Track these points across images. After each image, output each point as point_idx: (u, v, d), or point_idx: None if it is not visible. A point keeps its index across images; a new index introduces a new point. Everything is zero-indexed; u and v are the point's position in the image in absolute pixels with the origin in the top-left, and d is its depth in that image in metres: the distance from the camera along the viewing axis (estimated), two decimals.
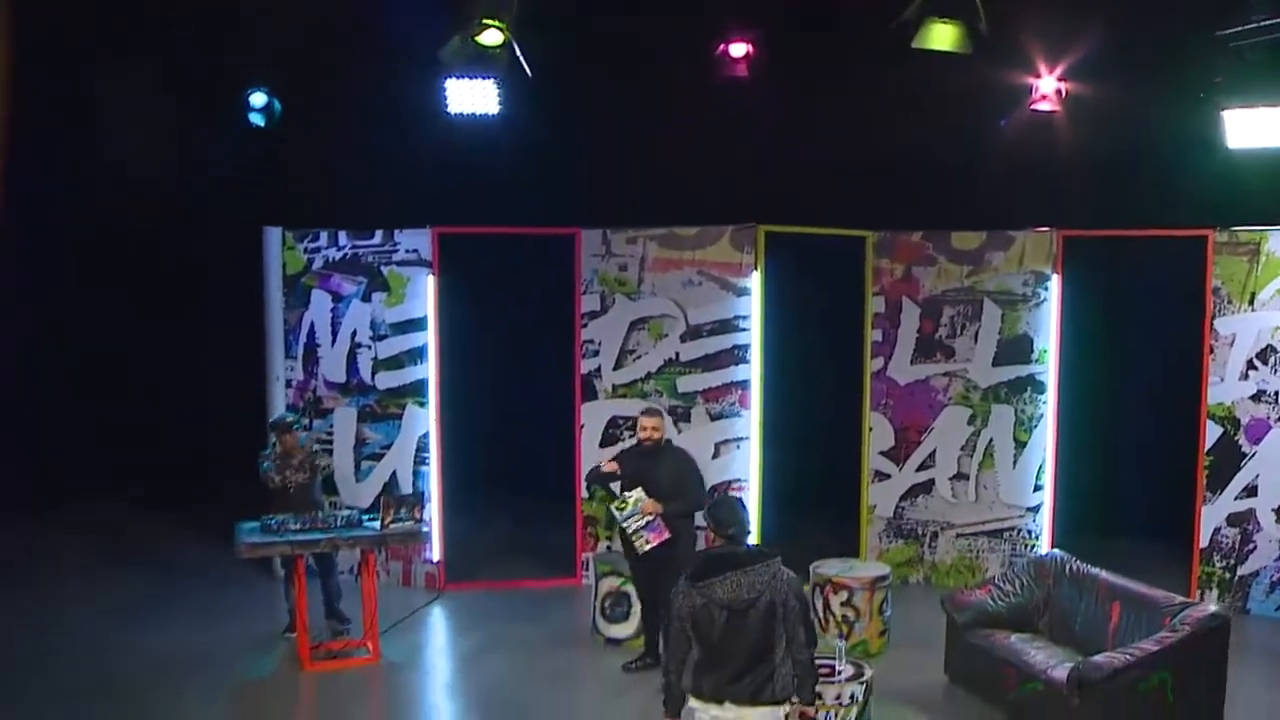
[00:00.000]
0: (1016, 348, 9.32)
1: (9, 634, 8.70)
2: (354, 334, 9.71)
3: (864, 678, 7.05)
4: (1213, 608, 6.67)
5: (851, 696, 6.92)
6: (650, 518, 7.48)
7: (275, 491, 8.26)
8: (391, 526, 8.06)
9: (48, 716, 7.30)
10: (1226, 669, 6.63)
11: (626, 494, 7.58)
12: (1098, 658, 6.53)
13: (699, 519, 6.62)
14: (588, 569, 9.42)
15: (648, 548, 7.51)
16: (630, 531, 7.53)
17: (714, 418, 9.54)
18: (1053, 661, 6.87)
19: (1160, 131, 9.12)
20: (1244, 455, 8.79)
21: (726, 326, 9.47)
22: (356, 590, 8.52)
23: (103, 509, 12.18)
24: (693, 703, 5.25)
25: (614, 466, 7.71)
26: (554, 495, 10.08)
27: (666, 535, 7.50)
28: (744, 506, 5.52)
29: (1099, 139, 9.53)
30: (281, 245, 9.73)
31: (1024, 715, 6.99)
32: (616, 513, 7.59)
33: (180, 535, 11.29)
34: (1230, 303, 8.77)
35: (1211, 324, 8.82)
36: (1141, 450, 10.02)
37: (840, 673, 7.12)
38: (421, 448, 9.66)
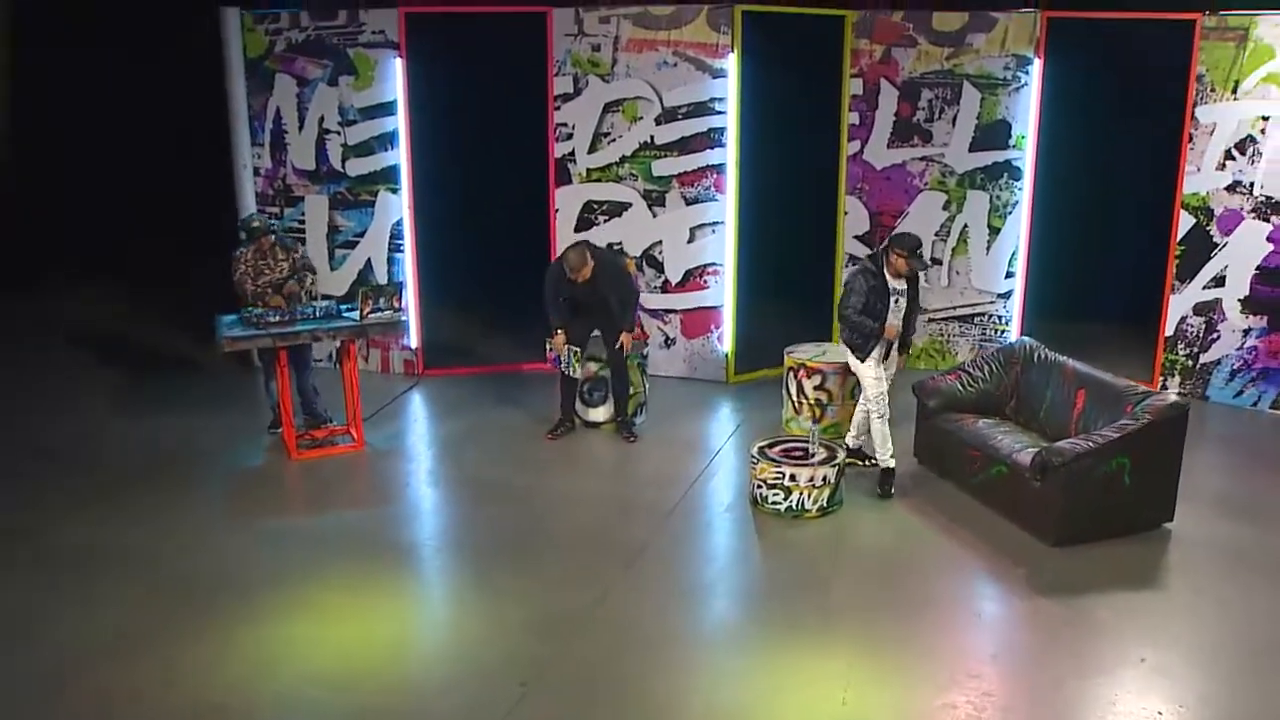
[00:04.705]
0: (994, 133, 9.22)
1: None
2: (321, 120, 9.48)
3: (836, 461, 7.32)
4: (1173, 397, 6.80)
5: (824, 479, 7.20)
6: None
7: (253, 292, 8.03)
8: (370, 317, 8.06)
9: (48, 503, 7.40)
10: (1182, 454, 6.85)
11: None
12: (1061, 443, 6.71)
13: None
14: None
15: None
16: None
17: (689, 202, 9.46)
18: (1018, 446, 7.07)
19: None
20: (1215, 246, 8.83)
21: (702, 109, 9.27)
22: (338, 377, 8.56)
23: (76, 297, 12.06)
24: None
25: (562, 339, 8.21)
26: (529, 282, 10.05)
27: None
28: None
29: None
30: (241, 26, 9.36)
31: (989, 497, 7.24)
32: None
33: (158, 325, 11.26)
34: (1213, 91, 8.62)
35: (1193, 112, 8.71)
36: (1114, 238, 10.05)
37: (814, 455, 7.38)
38: (395, 235, 9.60)
